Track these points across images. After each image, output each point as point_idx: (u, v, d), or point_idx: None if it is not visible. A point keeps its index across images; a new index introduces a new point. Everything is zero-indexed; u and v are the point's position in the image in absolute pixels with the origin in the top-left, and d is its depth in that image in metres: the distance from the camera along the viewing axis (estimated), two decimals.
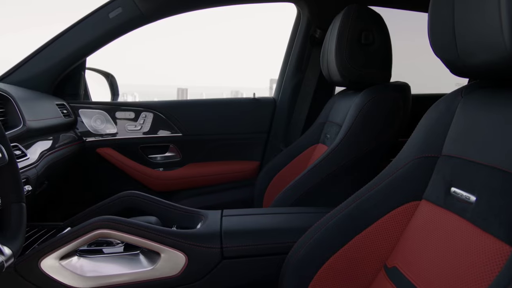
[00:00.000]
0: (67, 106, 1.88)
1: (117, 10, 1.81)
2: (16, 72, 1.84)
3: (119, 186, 1.97)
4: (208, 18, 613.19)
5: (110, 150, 1.97)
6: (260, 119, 2.10)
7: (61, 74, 1.88)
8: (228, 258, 1.09)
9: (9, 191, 0.91)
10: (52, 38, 1.85)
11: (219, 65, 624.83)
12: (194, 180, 2.05)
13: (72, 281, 1.05)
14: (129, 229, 1.06)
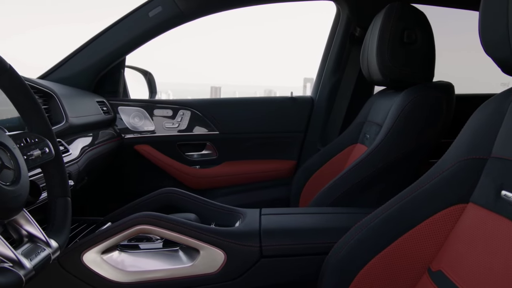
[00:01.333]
0: (107, 104, 1.91)
1: (157, 9, 1.83)
2: (58, 69, 1.89)
3: (156, 183, 1.99)
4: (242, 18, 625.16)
5: (148, 147, 2.00)
6: (297, 118, 2.08)
7: (102, 72, 1.92)
8: (267, 257, 1.08)
9: (55, 186, 0.92)
10: (93, 37, 1.89)
11: (253, 63, 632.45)
12: (230, 178, 2.05)
13: (113, 274, 1.06)
14: (169, 226, 1.07)
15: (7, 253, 0.70)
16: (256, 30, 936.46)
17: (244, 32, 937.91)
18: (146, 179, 2.05)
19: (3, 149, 0.76)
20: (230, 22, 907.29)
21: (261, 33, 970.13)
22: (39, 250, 0.79)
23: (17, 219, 0.80)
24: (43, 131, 0.92)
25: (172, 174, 2.02)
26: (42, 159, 0.89)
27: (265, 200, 2.00)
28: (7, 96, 0.88)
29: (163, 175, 2.03)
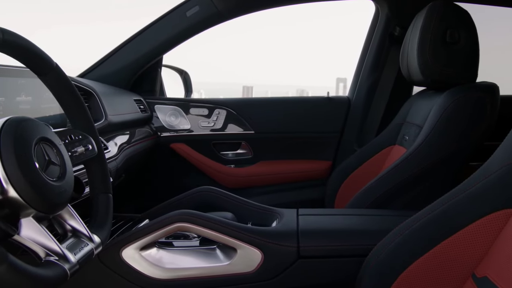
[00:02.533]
0: (144, 102, 1.94)
1: (194, 8, 1.85)
2: (97, 68, 1.93)
3: (191, 181, 2.01)
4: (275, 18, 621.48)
5: (183, 146, 2.01)
6: (333, 118, 2.06)
7: (139, 70, 1.95)
8: (304, 258, 1.08)
9: (97, 182, 0.94)
10: (131, 36, 1.92)
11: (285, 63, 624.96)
12: (265, 178, 2.05)
13: (151, 271, 1.08)
14: (207, 224, 1.08)
15: (53, 247, 0.72)
16: (289, 30, 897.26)
17: (277, 32, 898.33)
18: (181, 177, 2.07)
19: (49, 146, 0.77)
20: (262, 22, 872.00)
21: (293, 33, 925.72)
22: (83, 244, 0.81)
23: (61, 214, 0.82)
24: (86, 128, 0.94)
25: (207, 172, 2.03)
26: (85, 156, 0.91)
27: (299, 200, 1.99)
28: (52, 93, 0.90)
29: (198, 174, 2.04)
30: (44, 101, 1.17)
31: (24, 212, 0.70)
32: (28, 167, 0.69)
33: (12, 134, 0.69)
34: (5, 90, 1.01)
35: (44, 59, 0.83)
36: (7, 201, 0.67)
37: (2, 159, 0.66)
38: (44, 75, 0.85)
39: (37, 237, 0.71)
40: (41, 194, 0.70)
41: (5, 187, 0.66)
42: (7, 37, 0.72)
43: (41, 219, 0.74)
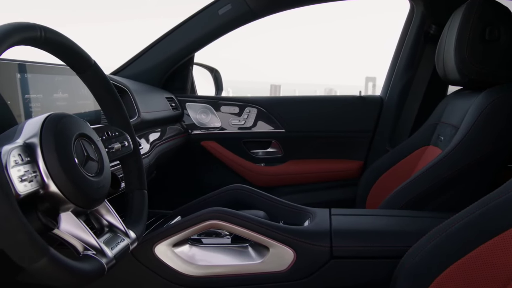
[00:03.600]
0: (175, 100, 1.96)
1: (227, 6, 1.85)
2: (130, 66, 1.95)
3: (220, 179, 2.02)
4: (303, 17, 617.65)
5: (214, 143, 2.02)
6: (365, 117, 2.03)
7: (171, 68, 1.97)
8: (337, 258, 1.07)
9: (133, 178, 0.95)
10: (164, 34, 1.93)
11: (313, 62, 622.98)
12: (295, 177, 2.03)
13: (183, 267, 1.08)
14: (240, 222, 1.08)
15: (91, 241, 0.73)
16: (317, 29, 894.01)
17: (305, 30, 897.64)
18: (211, 175, 2.08)
19: (88, 142, 0.79)
20: (290, 21, 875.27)
21: (321, 32, 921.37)
22: (119, 240, 0.82)
23: (98, 209, 0.83)
24: (123, 125, 0.95)
25: (237, 170, 2.04)
26: (122, 152, 0.92)
27: (330, 200, 1.97)
28: (90, 91, 0.91)
29: (228, 172, 2.05)
30: (79, 98, 1.19)
31: (63, 207, 0.71)
32: (68, 162, 0.70)
33: (53, 130, 0.71)
34: (43, 87, 1.03)
35: (83, 56, 0.84)
36: (47, 196, 0.68)
37: (43, 154, 0.68)
38: (83, 72, 0.87)
39: (75, 231, 0.72)
40: (80, 190, 0.71)
41: (46, 182, 0.67)
42: (49, 35, 0.74)
43: (79, 213, 0.75)
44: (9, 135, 0.71)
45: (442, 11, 1.82)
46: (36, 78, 1.00)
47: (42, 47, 0.77)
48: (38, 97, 1.01)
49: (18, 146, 0.66)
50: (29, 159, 0.66)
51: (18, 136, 0.70)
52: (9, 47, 0.66)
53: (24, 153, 0.66)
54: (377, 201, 1.63)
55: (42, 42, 0.74)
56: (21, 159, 0.65)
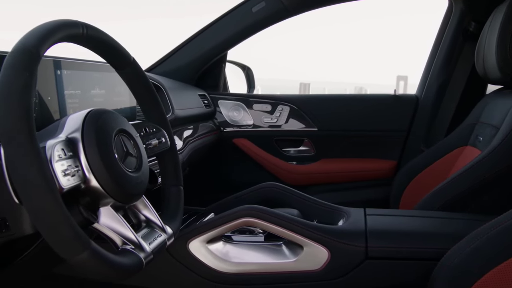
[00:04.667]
0: (208, 97, 1.97)
1: (261, 4, 1.84)
2: (163, 63, 1.97)
3: (252, 177, 2.01)
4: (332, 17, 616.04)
5: (246, 141, 2.02)
6: (399, 116, 1.99)
7: (204, 66, 1.98)
8: (372, 259, 1.05)
9: (169, 175, 0.96)
10: (197, 32, 1.94)
11: (343, 60, 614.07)
12: (327, 176, 2.02)
13: (217, 264, 1.09)
14: (275, 220, 1.07)
15: (129, 236, 0.74)
16: (347, 28, 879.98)
17: (335, 29, 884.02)
18: (242, 173, 2.08)
19: (127, 137, 0.80)
20: (320, 19, 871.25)
21: (352, 31, 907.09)
22: (156, 235, 0.83)
23: (136, 204, 0.84)
24: (160, 121, 0.96)
25: (268, 168, 2.03)
26: (159, 148, 0.93)
27: (363, 200, 1.95)
28: (128, 87, 0.92)
29: (259, 169, 2.04)
30: (115, 94, 1.21)
31: (103, 201, 0.72)
32: (109, 158, 0.71)
33: (94, 125, 0.72)
34: (81, 84, 1.05)
35: (123, 53, 0.85)
36: (88, 190, 0.70)
37: (85, 149, 0.69)
38: (122, 69, 0.88)
39: (115, 225, 0.73)
40: (120, 185, 0.72)
41: (88, 176, 0.68)
42: (90, 32, 0.75)
43: (118, 208, 0.76)
44: (51, 130, 0.73)
45: (483, 8, 1.78)
46: (74, 75, 1.02)
47: (83, 44, 0.78)
48: (76, 93, 1.03)
49: (61, 141, 0.67)
50: (71, 154, 0.67)
51: (60, 131, 0.71)
52: (53, 44, 0.67)
53: (67, 148, 0.67)
54: (411, 202, 1.60)
55: (84, 39, 0.75)
56: (64, 153, 0.66)
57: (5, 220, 0.69)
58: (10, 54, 0.61)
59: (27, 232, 0.70)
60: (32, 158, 0.57)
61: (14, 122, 0.57)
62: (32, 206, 0.58)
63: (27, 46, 0.62)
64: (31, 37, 0.63)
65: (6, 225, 0.69)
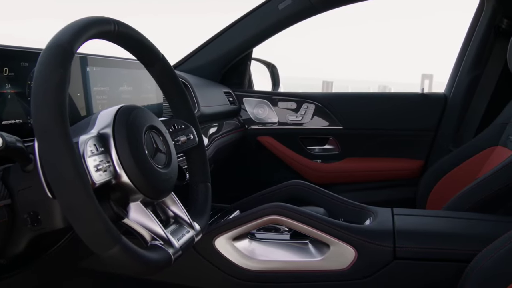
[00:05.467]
0: (233, 94, 1.97)
1: (287, 1, 1.83)
2: (189, 60, 1.98)
3: (276, 175, 2.01)
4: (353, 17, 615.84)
5: (270, 139, 2.02)
6: (427, 116, 1.96)
7: (229, 63, 1.98)
8: (400, 259, 1.04)
9: (197, 171, 0.96)
10: (223, 29, 1.95)
11: (366, 59, 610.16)
12: (352, 175, 2.00)
13: (243, 261, 1.09)
14: (301, 218, 1.07)
15: (159, 232, 0.74)
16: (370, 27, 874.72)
17: (357, 28, 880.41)
18: (267, 170, 2.07)
19: (157, 134, 0.80)
20: (340, 19, 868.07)
21: (374, 29, 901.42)
22: (185, 231, 0.83)
23: (165, 200, 0.85)
24: (188, 118, 0.96)
25: (292, 166, 2.02)
26: (187, 145, 0.93)
27: (388, 199, 1.92)
28: (157, 84, 0.93)
29: (284, 167, 2.04)
30: (142, 91, 1.22)
31: (133, 197, 0.73)
32: (139, 154, 0.72)
33: (125, 121, 0.72)
34: (110, 80, 1.06)
35: (153, 50, 0.86)
36: (119, 186, 0.70)
37: (116, 145, 0.69)
38: (152, 66, 0.88)
39: (144, 221, 0.74)
40: (150, 181, 0.72)
41: (119, 172, 0.69)
42: (121, 29, 0.75)
43: (147, 204, 0.76)
44: (82, 125, 0.74)
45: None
46: (103, 72, 1.03)
47: (114, 40, 0.78)
48: (104, 90, 1.04)
49: (93, 137, 0.68)
50: (103, 149, 0.68)
51: (92, 126, 0.72)
52: (86, 41, 0.68)
53: (98, 143, 0.68)
54: (439, 202, 1.58)
55: (115, 36, 0.75)
56: (96, 149, 0.67)
57: (36, 214, 0.70)
58: (45, 51, 0.62)
59: (58, 226, 0.71)
60: (67, 153, 0.57)
61: (50, 117, 0.57)
62: (66, 201, 0.58)
63: (61, 43, 0.62)
64: (65, 34, 0.64)
65: (38, 219, 0.70)
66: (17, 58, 0.80)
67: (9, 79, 0.78)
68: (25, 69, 0.81)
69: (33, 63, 0.82)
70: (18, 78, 0.80)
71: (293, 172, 2.03)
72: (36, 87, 0.59)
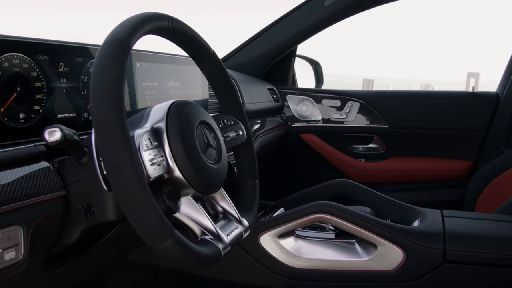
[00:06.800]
0: (277, 91, 1.96)
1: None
2: (233, 57, 1.98)
3: (319, 173, 2.00)
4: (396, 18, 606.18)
5: (313, 137, 2.00)
6: (477, 115, 1.89)
7: (274, 60, 1.98)
8: (451, 262, 1.01)
9: (246, 168, 0.96)
10: (267, 26, 1.94)
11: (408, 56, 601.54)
12: (397, 174, 1.96)
13: (288, 259, 1.08)
14: (348, 217, 1.05)
15: (209, 226, 0.75)
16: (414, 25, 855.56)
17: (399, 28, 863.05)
18: (309, 168, 2.06)
19: (208, 129, 0.80)
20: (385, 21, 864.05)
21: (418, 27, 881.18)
22: (234, 227, 0.83)
23: (214, 196, 0.85)
24: (237, 114, 0.96)
25: (335, 165, 2.00)
26: (236, 141, 0.93)
27: (435, 201, 1.86)
28: (207, 79, 0.93)
29: (326, 166, 2.02)
30: (189, 87, 1.23)
31: (184, 191, 0.74)
32: (192, 149, 0.72)
33: (178, 116, 0.73)
34: (158, 76, 1.08)
35: (204, 46, 0.86)
36: (171, 180, 0.71)
37: (169, 139, 0.70)
38: (202, 61, 0.89)
39: (195, 215, 0.74)
40: (201, 176, 0.73)
41: (171, 166, 0.70)
42: (175, 25, 0.76)
43: (197, 199, 0.77)
44: (136, 120, 0.75)
45: None
46: (152, 67, 1.05)
47: (167, 36, 0.79)
48: (153, 85, 1.06)
49: (147, 131, 0.69)
50: (157, 144, 0.69)
51: (145, 121, 0.73)
52: (142, 36, 0.69)
53: (152, 138, 0.69)
54: (488, 205, 1.53)
55: (169, 31, 0.76)
56: (150, 143, 0.68)
57: (90, 206, 0.72)
58: (103, 45, 0.63)
59: (110, 218, 0.73)
60: (125, 147, 0.58)
61: (108, 111, 0.58)
62: (122, 193, 0.59)
63: (118, 38, 0.63)
64: (122, 29, 0.65)
65: (91, 210, 0.72)
66: (72, 54, 0.82)
67: (65, 74, 0.80)
68: (79, 64, 0.83)
69: (86, 58, 0.84)
70: (73, 73, 0.82)
71: (336, 171, 2.00)
72: (94, 81, 0.60)
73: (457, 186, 1.88)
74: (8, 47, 0.70)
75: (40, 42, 0.76)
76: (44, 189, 0.68)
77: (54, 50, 0.78)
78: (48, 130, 0.64)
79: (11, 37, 0.71)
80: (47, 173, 0.70)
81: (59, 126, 0.64)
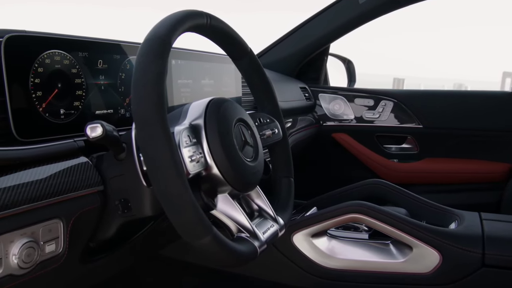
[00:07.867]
0: (308, 90, 1.95)
1: None
2: (265, 55, 1.98)
3: (351, 172, 1.98)
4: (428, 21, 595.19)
5: (346, 136, 1.98)
6: None
7: (306, 58, 1.97)
8: (489, 267, 0.99)
9: (281, 166, 0.96)
10: (300, 23, 1.93)
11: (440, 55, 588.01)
12: (431, 176, 1.92)
13: (321, 259, 1.08)
14: (383, 218, 1.04)
15: (245, 224, 0.75)
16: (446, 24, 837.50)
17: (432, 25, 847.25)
18: (341, 168, 2.04)
19: (245, 127, 0.80)
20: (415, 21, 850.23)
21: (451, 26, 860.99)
22: (269, 225, 0.83)
23: (250, 194, 0.85)
24: (273, 112, 0.96)
25: (368, 165, 1.98)
26: (272, 139, 0.93)
27: (470, 203, 1.82)
28: (244, 77, 0.93)
29: (358, 165, 2.00)
30: (223, 85, 1.23)
31: (221, 189, 0.74)
32: (230, 146, 0.72)
33: (216, 114, 0.73)
34: (193, 73, 1.08)
35: (241, 44, 0.86)
36: (208, 177, 0.71)
37: (207, 136, 0.70)
38: (239, 59, 0.89)
39: (232, 213, 0.75)
40: (238, 173, 0.73)
41: (209, 163, 0.70)
42: (213, 22, 0.76)
43: (234, 196, 0.77)
44: (174, 116, 0.75)
45: None
46: (187, 65, 1.05)
47: (206, 34, 0.79)
48: (188, 82, 1.06)
49: (186, 128, 0.69)
50: (195, 141, 0.69)
51: (184, 118, 0.73)
52: (182, 33, 0.69)
53: (191, 134, 0.69)
54: None
55: (207, 29, 0.76)
56: (189, 140, 0.68)
57: (127, 201, 0.73)
58: (144, 42, 0.64)
59: (147, 214, 0.73)
60: (166, 143, 0.59)
61: (150, 107, 0.59)
62: (162, 189, 0.60)
63: (159, 35, 0.64)
64: (163, 26, 0.65)
65: (128, 206, 0.73)
66: (111, 51, 0.83)
67: (103, 71, 0.81)
68: (117, 61, 0.84)
69: (124, 55, 0.85)
70: (111, 70, 0.83)
71: (368, 171, 1.98)
72: (136, 77, 0.61)
73: (493, 189, 1.84)
74: (49, 44, 0.71)
75: (80, 40, 0.77)
76: (83, 184, 0.70)
77: (93, 47, 0.79)
78: (90, 125, 0.65)
79: (52, 34, 0.73)
80: (86, 168, 0.71)
81: (100, 122, 0.65)
